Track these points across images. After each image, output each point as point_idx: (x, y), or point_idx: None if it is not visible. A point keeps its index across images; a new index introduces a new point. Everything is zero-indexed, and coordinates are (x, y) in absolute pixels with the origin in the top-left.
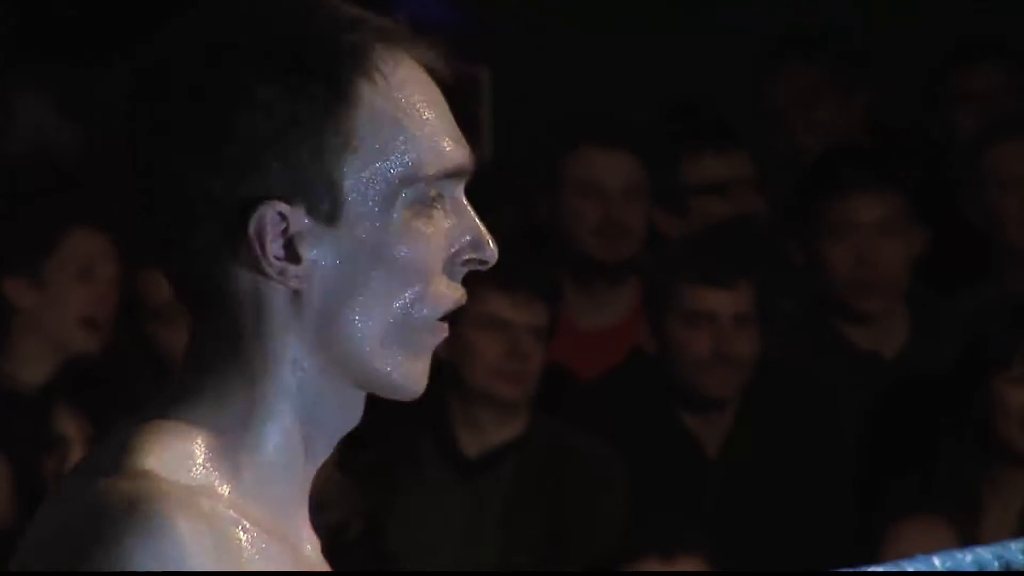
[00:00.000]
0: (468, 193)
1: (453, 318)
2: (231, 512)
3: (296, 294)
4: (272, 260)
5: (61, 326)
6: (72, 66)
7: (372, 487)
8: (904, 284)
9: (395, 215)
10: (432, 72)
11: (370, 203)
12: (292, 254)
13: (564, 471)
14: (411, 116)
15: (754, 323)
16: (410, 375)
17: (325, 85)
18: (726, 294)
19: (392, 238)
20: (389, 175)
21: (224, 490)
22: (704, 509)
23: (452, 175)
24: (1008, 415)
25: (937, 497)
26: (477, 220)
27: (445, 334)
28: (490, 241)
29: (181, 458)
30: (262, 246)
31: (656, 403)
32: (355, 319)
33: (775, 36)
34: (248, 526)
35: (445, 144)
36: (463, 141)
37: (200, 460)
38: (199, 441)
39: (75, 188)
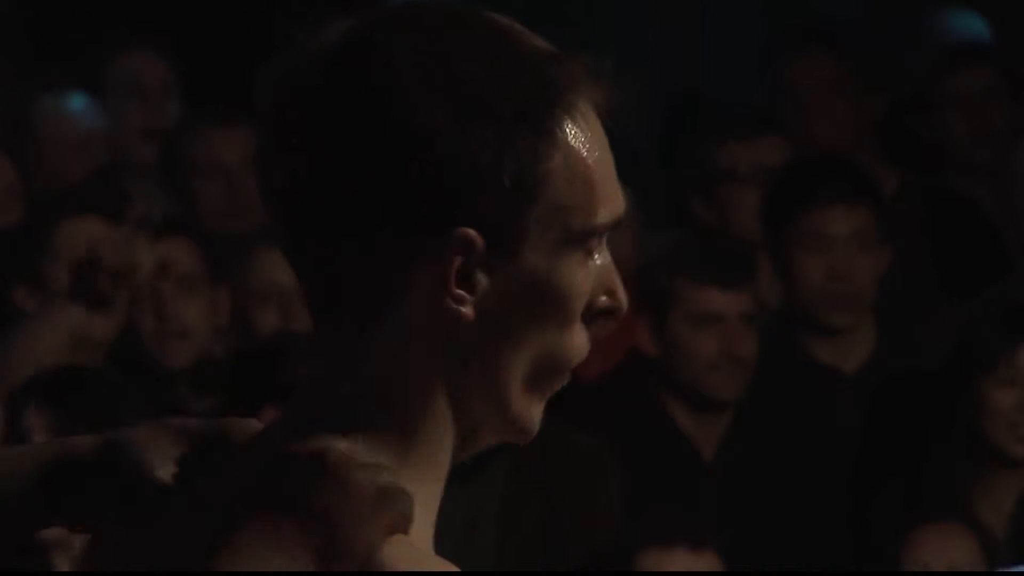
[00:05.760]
0: None
1: None
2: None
3: (456, 322)
4: (453, 284)
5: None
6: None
7: None
8: (872, 299)
9: (563, 261)
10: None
11: (546, 245)
12: (468, 282)
13: (558, 468)
14: (597, 164)
15: (756, 323)
16: (536, 420)
17: (534, 125)
18: (733, 295)
19: (556, 283)
20: (571, 224)
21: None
22: (701, 511)
23: (616, 224)
24: (995, 417)
25: (926, 500)
26: (614, 267)
27: (566, 382)
28: (622, 289)
29: None
30: (447, 268)
31: (653, 405)
32: (507, 359)
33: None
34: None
35: (616, 193)
36: (621, 187)
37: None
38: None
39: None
